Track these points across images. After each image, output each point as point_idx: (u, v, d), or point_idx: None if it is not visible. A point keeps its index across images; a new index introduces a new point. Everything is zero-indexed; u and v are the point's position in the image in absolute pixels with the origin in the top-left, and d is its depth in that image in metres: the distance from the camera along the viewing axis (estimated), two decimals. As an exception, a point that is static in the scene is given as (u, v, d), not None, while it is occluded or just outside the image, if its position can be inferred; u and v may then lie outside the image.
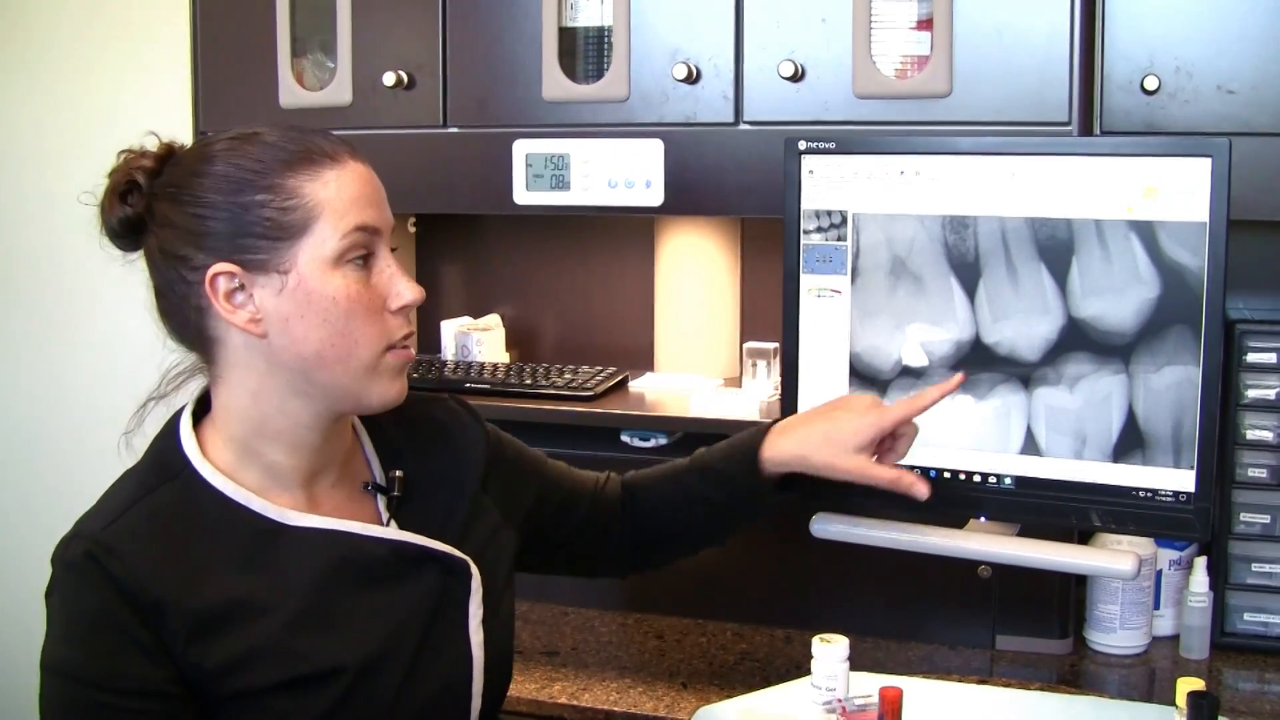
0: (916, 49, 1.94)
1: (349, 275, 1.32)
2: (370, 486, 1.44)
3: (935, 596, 2.12)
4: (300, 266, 1.30)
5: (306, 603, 1.32)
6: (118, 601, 1.25)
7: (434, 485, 1.47)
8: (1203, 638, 2.05)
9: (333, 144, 1.34)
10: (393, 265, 1.36)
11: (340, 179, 1.32)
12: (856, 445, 1.58)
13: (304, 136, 1.34)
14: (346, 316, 1.31)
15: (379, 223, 1.34)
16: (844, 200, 1.76)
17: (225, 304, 1.30)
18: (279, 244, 1.29)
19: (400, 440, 1.49)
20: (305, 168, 1.31)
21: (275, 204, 1.29)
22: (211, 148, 1.33)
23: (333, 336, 1.31)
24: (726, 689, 1.96)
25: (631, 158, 2.05)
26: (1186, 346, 1.59)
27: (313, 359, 1.32)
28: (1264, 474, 2.01)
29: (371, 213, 1.34)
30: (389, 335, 1.34)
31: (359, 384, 1.34)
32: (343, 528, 1.37)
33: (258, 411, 1.34)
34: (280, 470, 1.36)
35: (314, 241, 1.30)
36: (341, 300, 1.31)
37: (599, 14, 2.09)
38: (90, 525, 1.29)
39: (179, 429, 1.37)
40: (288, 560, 1.33)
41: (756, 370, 2.18)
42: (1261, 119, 1.85)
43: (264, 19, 2.23)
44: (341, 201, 1.31)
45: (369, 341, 1.33)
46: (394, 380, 1.36)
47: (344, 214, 1.31)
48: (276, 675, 1.29)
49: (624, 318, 2.42)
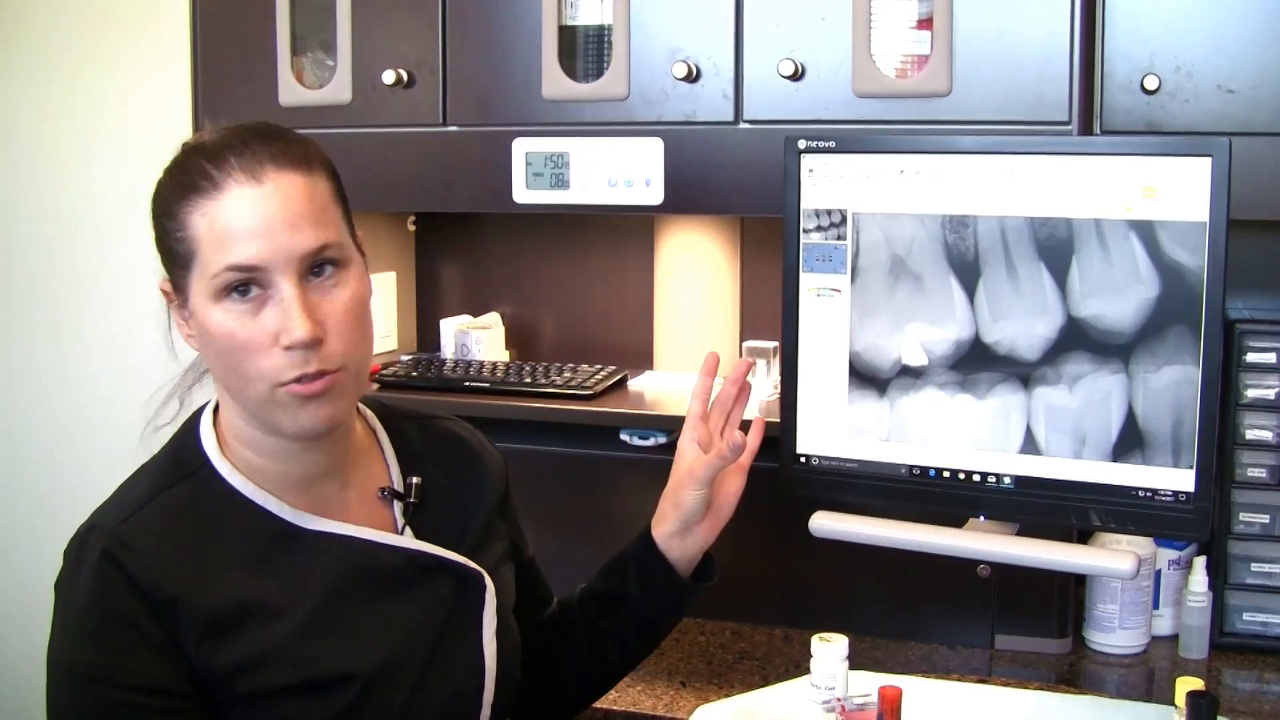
0: (916, 48, 1.94)
1: (230, 310, 1.26)
2: (387, 492, 1.42)
3: (934, 596, 2.12)
4: (192, 298, 1.28)
5: (319, 608, 1.31)
6: (132, 598, 1.24)
7: (452, 497, 1.47)
8: (1202, 637, 2.05)
9: (225, 165, 1.26)
10: (291, 298, 1.25)
11: (216, 211, 1.25)
12: (697, 484, 1.58)
13: (206, 154, 1.27)
14: (228, 352, 1.27)
15: (259, 258, 1.24)
16: (844, 199, 1.76)
17: (176, 317, 1.33)
18: (179, 272, 1.29)
19: (423, 448, 1.48)
20: (190, 196, 1.26)
21: (174, 233, 1.28)
22: (175, 156, 1.32)
23: (225, 369, 1.29)
24: (725, 688, 1.96)
25: (631, 156, 2.05)
26: (1186, 346, 1.59)
27: (222, 385, 1.33)
28: (1263, 474, 2.01)
29: (249, 248, 1.24)
30: (277, 374, 1.26)
31: (266, 414, 1.29)
32: (358, 535, 1.36)
33: (239, 419, 1.34)
34: (271, 473, 1.35)
35: (197, 275, 1.27)
36: (221, 336, 1.27)
37: (599, 12, 2.09)
38: (106, 519, 1.29)
39: (199, 425, 1.37)
40: (302, 563, 1.32)
41: (756, 369, 2.18)
42: (1261, 118, 1.85)
43: (264, 17, 2.23)
44: (214, 235, 1.25)
45: (256, 376, 1.27)
46: (299, 412, 1.28)
47: (217, 250, 1.25)
48: (287, 679, 1.28)
49: (623, 316, 2.42)
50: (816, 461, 1.80)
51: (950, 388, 1.72)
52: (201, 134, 1.32)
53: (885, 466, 1.77)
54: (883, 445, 1.76)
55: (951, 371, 1.71)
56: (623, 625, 1.62)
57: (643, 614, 1.61)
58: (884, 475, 1.77)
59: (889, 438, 1.76)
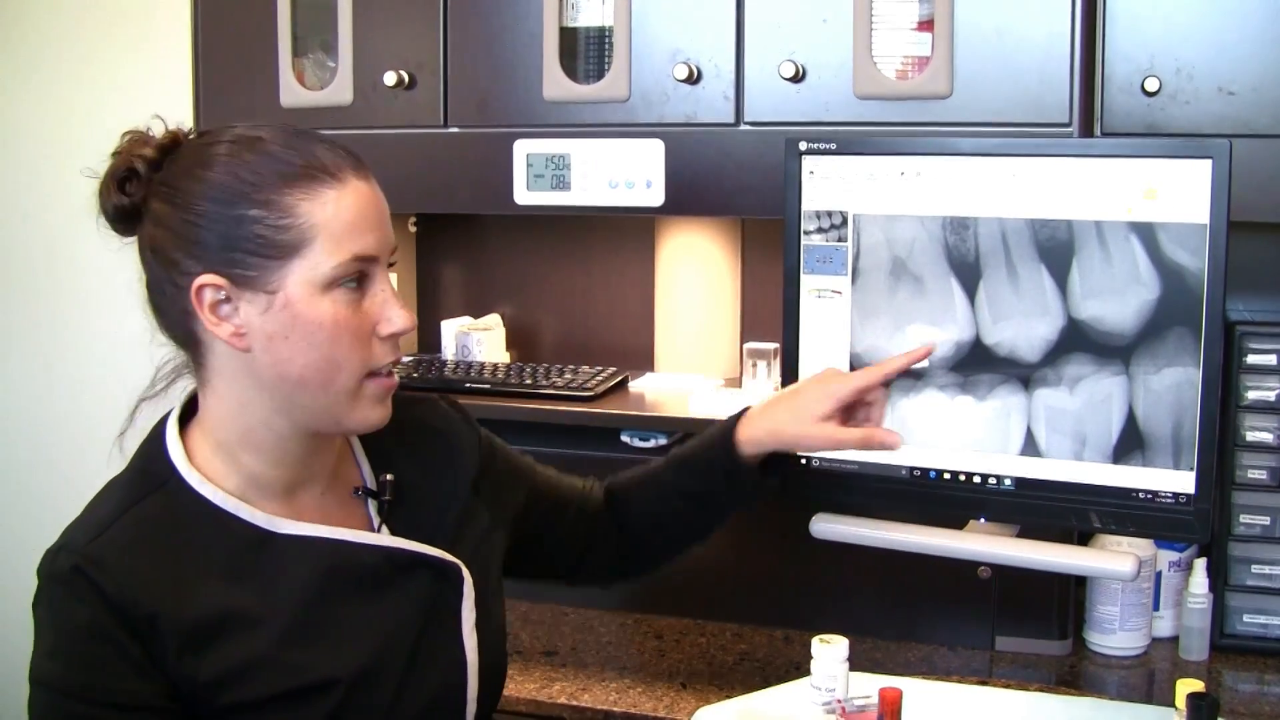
0: (917, 50, 1.94)
1: (339, 300, 1.27)
2: (360, 491, 1.41)
3: (935, 597, 2.12)
4: (289, 287, 1.26)
5: (297, 614, 1.30)
6: (107, 616, 1.22)
7: (425, 488, 1.45)
8: (1202, 639, 2.05)
9: (337, 158, 1.29)
10: (388, 290, 1.32)
11: (340, 200, 1.27)
12: (822, 414, 1.61)
13: (308, 147, 1.29)
14: (331, 341, 1.27)
15: (377, 249, 1.30)
16: (844, 201, 1.76)
17: (210, 315, 1.27)
18: (270, 262, 1.25)
19: (391, 442, 1.46)
20: (304, 185, 1.26)
21: (269, 221, 1.25)
22: (213, 149, 1.28)
23: (316, 360, 1.28)
24: (726, 689, 1.96)
25: (632, 158, 2.05)
26: (1186, 348, 1.59)
27: (295, 380, 1.28)
28: (1264, 475, 2.01)
29: (370, 239, 1.29)
30: (372, 361, 1.30)
31: (339, 408, 1.30)
32: (333, 535, 1.35)
33: (242, 421, 1.32)
34: (264, 479, 1.34)
35: (306, 264, 1.26)
36: (328, 325, 1.27)
37: (600, 14, 2.09)
38: (77, 538, 1.27)
39: (165, 435, 1.34)
40: (278, 569, 1.31)
41: (757, 370, 2.18)
42: (1262, 120, 1.85)
43: (265, 18, 2.23)
44: (339, 225, 1.26)
45: (351, 367, 1.29)
46: (375, 406, 1.33)
47: (340, 240, 1.26)
48: (269, 688, 1.27)
49: (624, 318, 2.42)
50: (817, 463, 1.80)
51: (951, 389, 1.72)
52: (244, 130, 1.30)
53: (886, 468, 1.77)
54: (883, 447, 1.76)
55: (952, 373, 1.71)
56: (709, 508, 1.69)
57: (725, 501, 1.68)
58: (884, 477, 1.77)
59: (889, 439, 1.76)
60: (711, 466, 1.64)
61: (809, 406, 1.61)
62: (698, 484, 1.65)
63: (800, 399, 1.63)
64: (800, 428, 1.61)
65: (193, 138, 1.34)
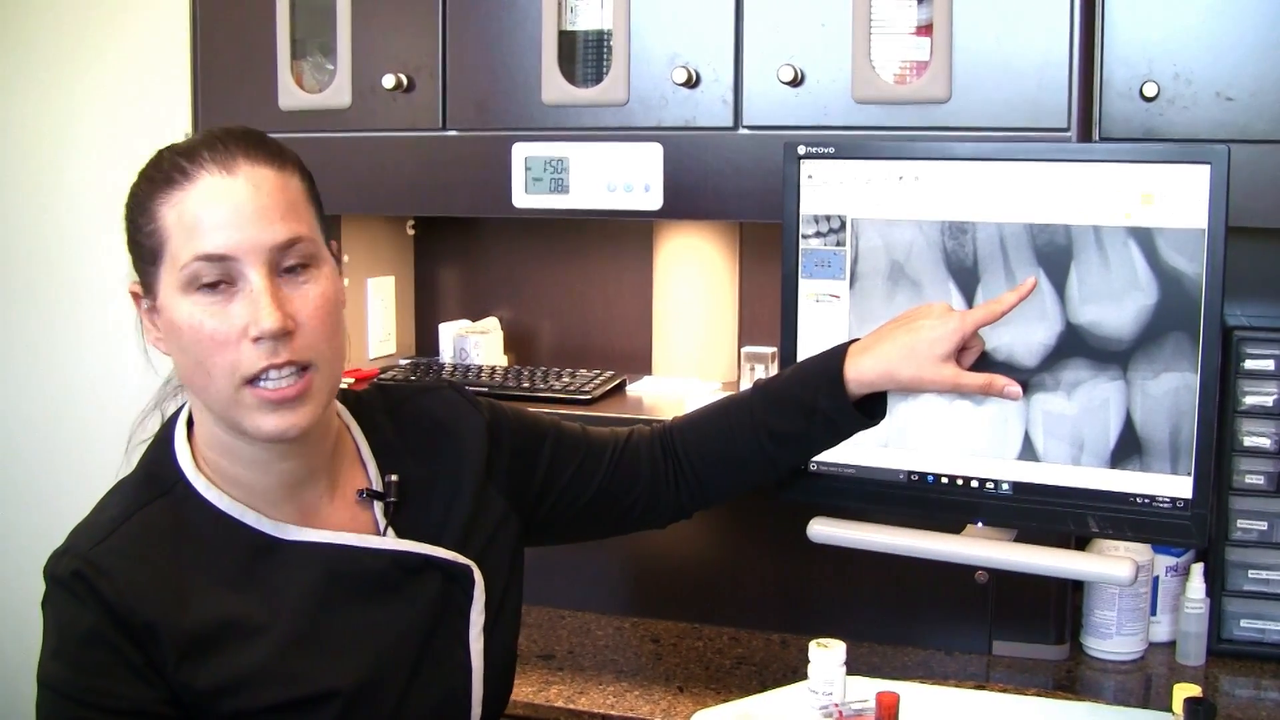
0: (916, 54, 1.94)
1: (199, 303, 1.24)
2: (366, 494, 1.40)
3: (932, 602, 2.12)
4: (161, 293, 1.27)
5: (300, 622, 1.29)
6: (108, 622, 1.22)
7: (434, 485, 1.43)
8: (1199, 644, 2.05)
9: (194, 157, 1.26)
10: (260, 289, 1.24)
11: (187, 200, 1.24)
12: (942, 354, 1.54)
13: (196, 149, 1.27)
14: (193, 345, 1.25)
15: (228, 247, 1.23)
16: (843, 205, 1.76)
17: (145, 320, 1.31)
18: (149, 268, 1.28)
19: (397, 440, 1.45)
20: (162, 189, 1.26)
21: (144, 228, 1.27)
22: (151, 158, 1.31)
23: (190, 365, 1.27)
24: (723, 693, 1.96)
25: (630, 161, 2.05)
26: (1184, 353, 1.60)
27: (187, 385, 1.31)
28: (1261, 481, 2.01)
29: (218, 236, 1.23)
30: (242, 368, 1.24)
31: (230, 414, 1.27)
32: (339, 540, 1.34)
33: (210, 428, 1.32)
34: (257, 486, 1.32)
35: (167, 268, 1.26)
36: (187, 330, 1.25)
37: (599, 17, 2.09)
38: (81, 542, 1.27)
39: (173, 438, 1.34)
40: (282, 576, 1.30)
41: (755, 374, 2.18)
42: (1260, 126, 1.85)
43: (264, 21, 2.23)
44: (184, 225, 1.24)
45: (220, 373, 1.25)
46: (264, 415, 1.26)
47: (185, 240, 1.24)
48: (269, 698, 1.27)
49: (622, 321, 2.42)
50: (815, 467, 1.80)
51: (949, 394, 1.72)
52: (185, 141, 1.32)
53: (883, 472, 1.77)
54: (881, 451, 1.76)
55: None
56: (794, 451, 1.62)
57: (818, 442, 1.62)
58: (882, 481, 1.77)
59: (887, 443, 1.76)
60: (813, 408, 1.55)
61: (928, 346, 1.53)
62: (793, 424, 1.56)
63: (918, 337, 1.53)
64: (918, 369, 1.53)
65: None
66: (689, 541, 2.24)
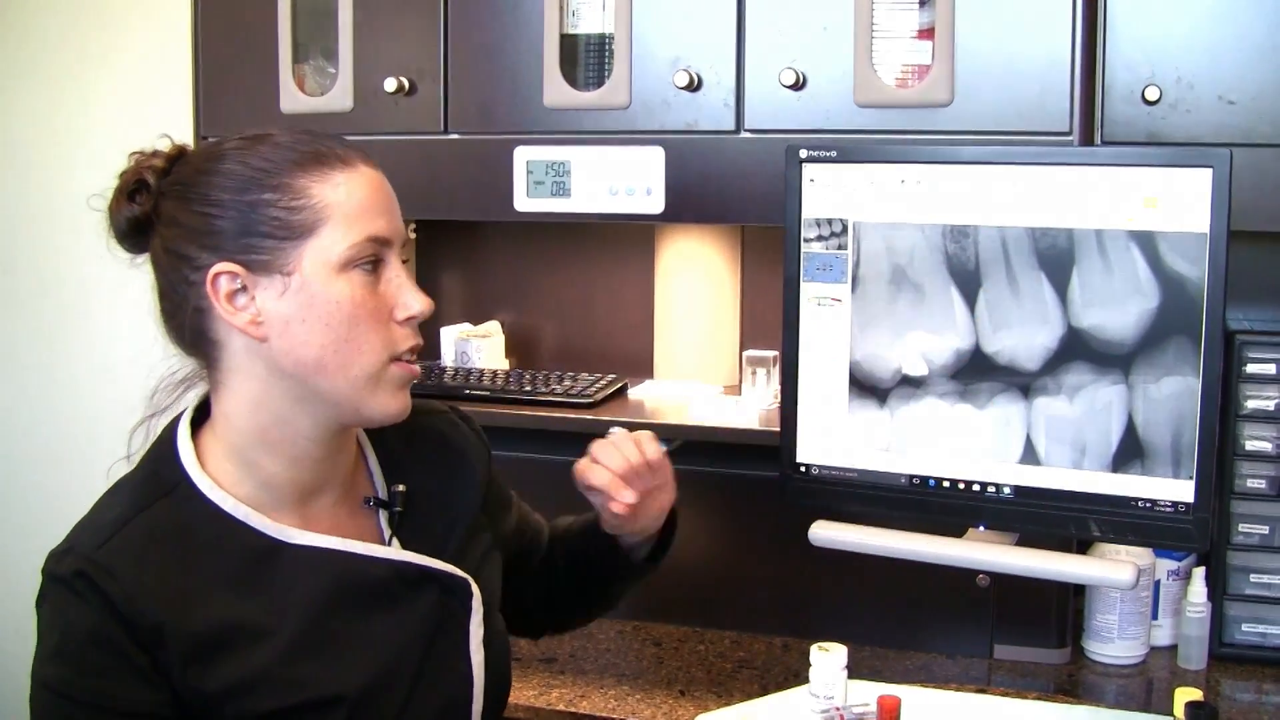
0: (918, 58, 1.94)
1: (355, 281, 1.28)
2: (372, 502, 1.40)
3: (933, 605, 2.12)
4: (305, 268, 1.26)
5: (305, 627, 1.29)
6: (113, 624, 1.21)
7: (436, 500, 1.44)
8: (1201, 648, 2.04)
9: (346, 148, 1.31)
10: (402, 275, 1.32)
11: (350, 183, 1.29)
12: None
13: (316, 138, 1.31)
14: (349, 322, 1.27)
15: (389, 233, 1.31)
16: (845, 209, 1.76)
17: (226, 305, 1.27)
18: (284, 244, 1.26)
19: (403, 452, 1.45)
20: (315, 168, 1.28)
21: (283, 203, 1.26)
22: (221, 147, 1.31)
23: (335, 342, 1.27)
24: (724, 697, 1.96)
25: (632, 165, 2.05)
26: (1186, 357, 1.60)
27: (313, 364, 1.27)
28: (1263, 485, 2.01)
29: (382, 222, 1.30)
30: (393, 345, 1.30)
31: (359, 394, 1.29)
32: (343, 547, 1.33)
33: (258, 420, 1.30)
34: (278, 484, 1.32)
35: (321, 244, 1.26)
36: (345, 305, 1.27)
37: (600, 21, 2.09)
38: (84, 542, 1.25)
39: (176, 438, 1.33)
40: (286, 581, 1.30)
41: (756, 378, 2.18)
42: (1262, 129, 1.85)
43: (265, 24, 2.23)
44: (351, 206, 1.28)
45: (372, 349, 1.29)
46: (395, 394, 1.32)
47: (353, 220, 1.27)
48: (274, 702, 1.26)
49: (624, 325, 2.42)
50: (816, 471, 1.80)
51: (950, 397, 1.72)
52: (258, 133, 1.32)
53: (885, 476, 1.77)
54: (883, 455, 1.77)
55: (952, 381, 1.72)
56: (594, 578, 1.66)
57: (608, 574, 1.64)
58: (884, 485, 1.77)
59: (889, 447, 1.76)
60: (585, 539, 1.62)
61: None
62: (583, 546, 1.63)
63: None
64: None
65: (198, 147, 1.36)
66: (690, 545, 2.23)
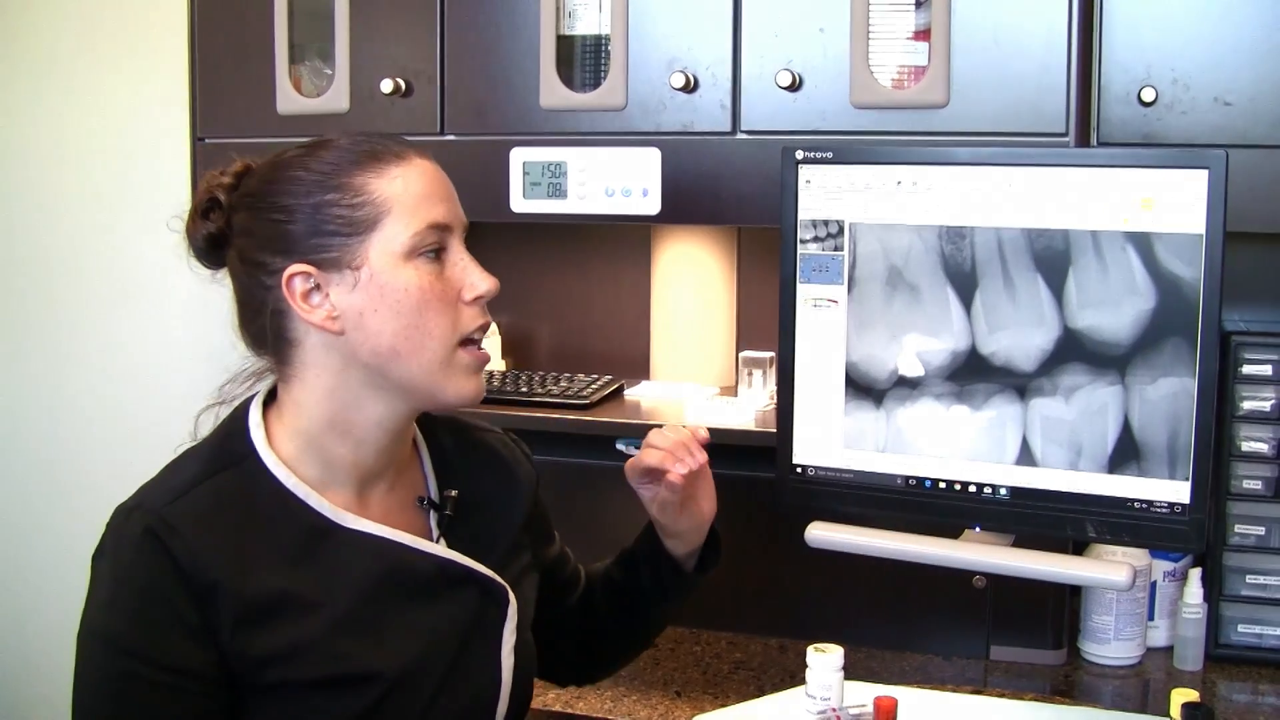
0: (914, 59, 1.94)
1: (421, 268, 1.34)
2: (425, 502, 1.45)
3: (930, 606, 2.12)
4: (372, 260, 1.32)
5: (352, 606, 1.33)
6: (173, 580, 1.26)
7: (484, 510, 1.49)
8: (1197, 649, 2.05)
9: (399, 144, 1.38)
10: (466, 258, 1.38)
11: (407, 176, 1.35)
12: None
13: (370, 139, 1.37)
14: (419, 308, 1.33)
15: (449, 219, 1.37)
16: (841, 210, 1.76)
17: (303, 304, 1.33)
18: (350, 240, 1.32)
19: (458, 460, 1.51)
20: (371, 166, 1.34)
21: (345, 202, 1.32)
22: (284, 156, 1.37)
23: (406, 328, 1.33)
24: (721, 698, 1.96)
25: (629, 166, 2.05)
26: (1182, 358, 1.60)
27: (387, 352, 1.33)
28: (1259, 486, 2.01)
29: (441, 209, 1.36)
30: (462, 326, 1.36)
31: (434, 378, 1.35)
32: (394, 538, 1.38)
33: (330, 407, 1.36)
34: (340, 466, 1.37)
35: (384, 236, 1.32)
36: (414, 291, 1.33)
37: (597, 22, 2.09)
38: (153, 499, 1.30)
39: (249, 416, 1.39)
40: (338, 561, 1.35)
41: (752, 379, 2.18)
42: (1258, 131, 1.85)
43: (262, 26, 2.23)
44: (410, 197, 1.34)
45: (442, 333, 1.35)
46: (469, 377, 1.38)
47: (413, 210, 1.34)
48: (316, 672, 1.30)
49: (620, 326, 2.42)
50: (812, 472, 1.80)
51: (947, 399, 1.72)
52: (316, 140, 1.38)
53: (881, 477, 1.77)
54: (879, 456, 1.77)
55: (948, 382, 1.72)
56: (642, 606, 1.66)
57: (656, 597, 1.64)
58: (880, 486, 1.77)
59: (885, 448, 1.76)
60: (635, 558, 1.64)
61: None
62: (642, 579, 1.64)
63: None
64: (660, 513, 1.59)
65: None
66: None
